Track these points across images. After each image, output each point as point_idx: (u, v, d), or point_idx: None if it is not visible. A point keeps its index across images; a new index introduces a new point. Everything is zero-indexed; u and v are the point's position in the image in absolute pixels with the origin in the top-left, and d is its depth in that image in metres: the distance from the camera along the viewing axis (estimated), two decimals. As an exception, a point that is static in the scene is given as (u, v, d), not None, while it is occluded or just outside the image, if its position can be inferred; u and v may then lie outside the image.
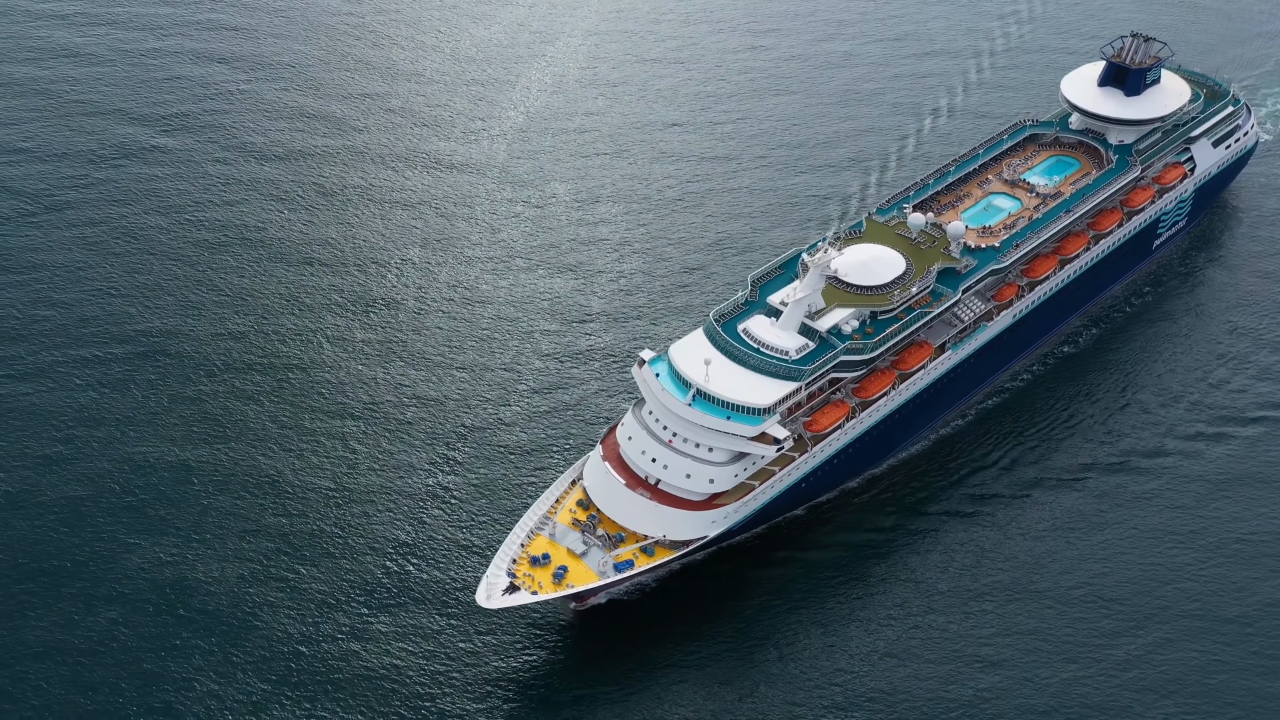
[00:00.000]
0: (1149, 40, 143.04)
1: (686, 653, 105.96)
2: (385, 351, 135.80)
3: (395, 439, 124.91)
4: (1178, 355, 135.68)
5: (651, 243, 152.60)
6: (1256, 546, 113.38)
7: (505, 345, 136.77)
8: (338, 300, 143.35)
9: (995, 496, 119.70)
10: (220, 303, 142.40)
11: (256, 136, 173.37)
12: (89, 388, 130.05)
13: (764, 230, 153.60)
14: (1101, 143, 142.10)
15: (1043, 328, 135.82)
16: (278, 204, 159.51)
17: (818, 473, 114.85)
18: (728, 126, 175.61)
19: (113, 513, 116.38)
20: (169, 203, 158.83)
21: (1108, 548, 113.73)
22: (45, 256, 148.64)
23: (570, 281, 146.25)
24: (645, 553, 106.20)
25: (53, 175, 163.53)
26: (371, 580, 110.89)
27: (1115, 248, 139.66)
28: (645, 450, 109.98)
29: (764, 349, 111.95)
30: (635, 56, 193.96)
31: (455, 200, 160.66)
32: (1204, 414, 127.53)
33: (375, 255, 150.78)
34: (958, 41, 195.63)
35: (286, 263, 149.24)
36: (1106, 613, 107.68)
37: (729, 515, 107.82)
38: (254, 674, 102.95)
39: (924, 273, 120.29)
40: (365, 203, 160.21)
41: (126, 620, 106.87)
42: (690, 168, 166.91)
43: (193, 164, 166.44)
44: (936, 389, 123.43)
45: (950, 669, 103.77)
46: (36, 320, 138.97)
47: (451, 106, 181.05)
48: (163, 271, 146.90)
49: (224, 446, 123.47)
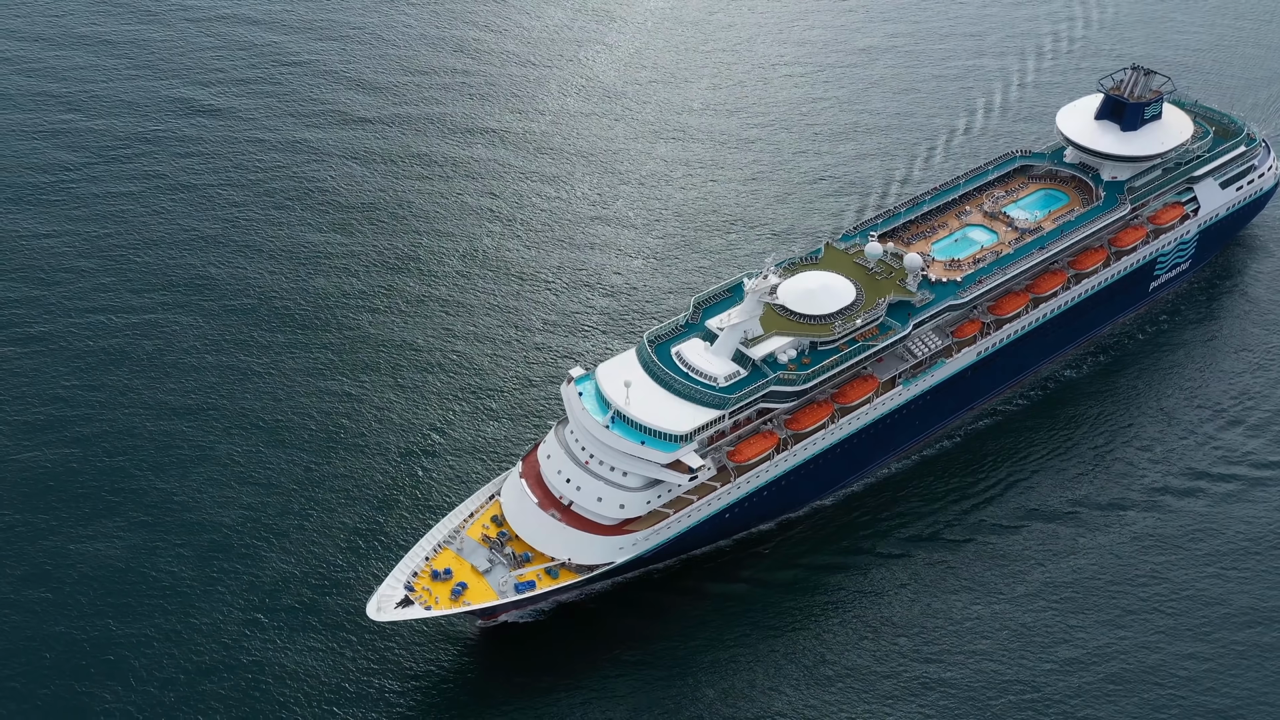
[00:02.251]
0: (1150, 74, 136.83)
1: (592, 678, 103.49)
2: (381, 342, 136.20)
3: (382, 425, 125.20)
4: (1178, 396, 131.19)
5: (669, 244, 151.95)
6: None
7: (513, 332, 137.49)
8: (360, 266, 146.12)
9: (934, 538, 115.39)
10: (228, 281, 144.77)
11: (307, 104, 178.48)
12: (93, 353, 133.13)
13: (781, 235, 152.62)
14: (1094, 178, 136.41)
15: (1015, 367, 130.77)
16: (318, 169, 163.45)
17: (744, 505, 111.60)
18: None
19: (94, 476, 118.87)
20: (217, 163, 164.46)
21: (1045, 632, 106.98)
22: (99, 207, 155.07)
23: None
24: (550, 575, 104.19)
25: (114, 129, 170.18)
26: (306, 572, 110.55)
27: (1101, 288, 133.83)
28: (561, 470, 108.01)
29: (692, 374, 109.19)
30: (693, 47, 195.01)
31: (488, 176, 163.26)
32: (1189, 465, 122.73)
33: (386, 251, 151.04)
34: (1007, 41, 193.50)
35: (318, 228, 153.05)
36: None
37: (637, 543, 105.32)
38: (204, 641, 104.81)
39: (873, 304, 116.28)
40: (402, 175, 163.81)
41: (96, 576, 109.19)
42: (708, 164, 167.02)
43: (229, 145, 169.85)
44: (886, 425, 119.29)
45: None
46: (77, 268, 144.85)
47: (501, 84, 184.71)
48: (179, 246, 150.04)
49: (208, 421, 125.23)
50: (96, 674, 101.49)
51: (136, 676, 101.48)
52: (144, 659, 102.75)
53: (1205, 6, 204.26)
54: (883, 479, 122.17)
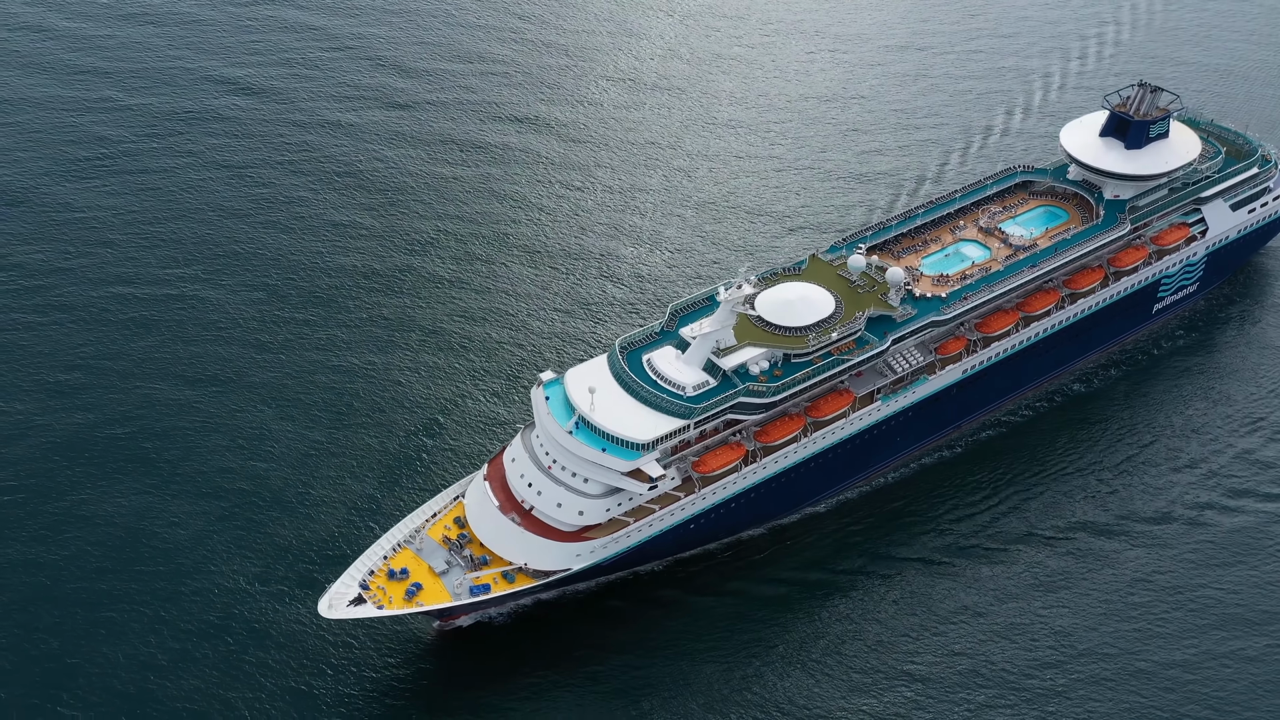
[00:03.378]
0: (1157, 91, 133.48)
1: (547, 687, 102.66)
2: (399, 323, 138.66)
3: (393, 404, 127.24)
4: (1187, 415, 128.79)
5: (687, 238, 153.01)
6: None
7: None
8: (364, 273, 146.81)
9: (909, 556, 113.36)
10: (255, 257, 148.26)
11: (346, 87, 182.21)
12: (118, 323, 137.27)
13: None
14: (1096, 197, 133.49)
15: (1007, 386, 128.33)
16: (328, 174, 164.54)
17: (710, 516, 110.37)
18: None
19: (108, 441, 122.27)
20: (232, 160, 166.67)
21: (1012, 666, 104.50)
22: (134, 182, 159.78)
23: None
24: (506, 579, 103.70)
25: (135, 124, 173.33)
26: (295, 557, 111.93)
27: (1098, 309, 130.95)
28: (524, 474, 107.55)
29: (661, 382, 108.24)
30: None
31: (507, 180, 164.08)
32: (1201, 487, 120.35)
33: (411, 234, 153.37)
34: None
35: (317, 233, 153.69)
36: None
37: (595, 550, 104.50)
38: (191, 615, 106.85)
39: (851, 318, 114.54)
40: (433, 160, 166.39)
41: (102, 537, 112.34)
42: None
43: (266, 125, 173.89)
44: (864, 441, 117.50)
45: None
46: (108, 240, 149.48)
47: (538, 74, 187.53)
48: (210, 223, 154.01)
49: (223, 393, 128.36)
50: (94, 631, 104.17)
51: (132, 635, 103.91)
52: (140, 619, 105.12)
53: (1248, 25, 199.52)
54: (875, 489, 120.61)
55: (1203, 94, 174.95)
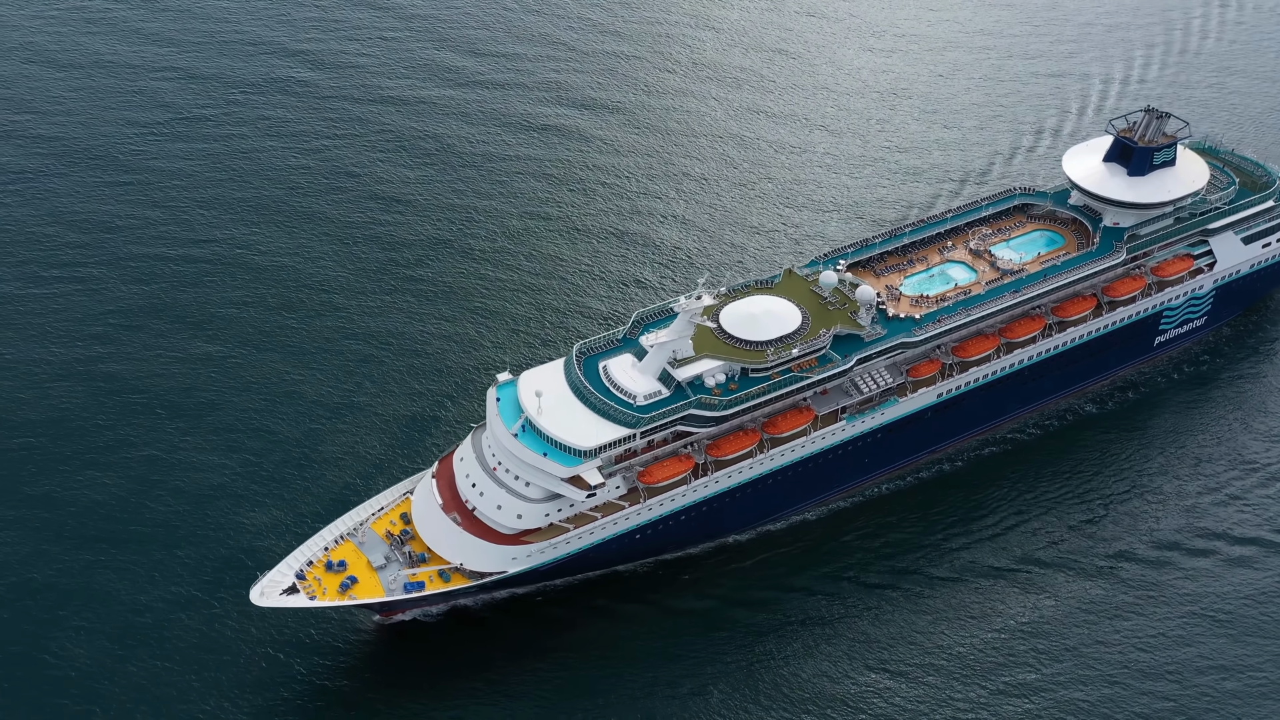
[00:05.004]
0: (1164, 117, 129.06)
1: (482, 688, 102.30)
2: (431, 294, 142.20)
3: (413, 375, 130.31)
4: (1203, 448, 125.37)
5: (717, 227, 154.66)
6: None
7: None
8: (407, 248, 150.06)
9: (885, 587, 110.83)
10: (302, 227, 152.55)
11: (388, 82, 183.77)
12: (166, 279, 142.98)
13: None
14: (1094, 223, 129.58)
15: (988, 413, 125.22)
16: (384, 148, 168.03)
17: (657, 528, 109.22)
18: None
19: (134, 394, 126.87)
20: (291, 130, 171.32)
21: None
22: (167, 163, 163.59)
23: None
24: (442, 577, 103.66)
25: (198, 93, 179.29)
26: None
27: (1091, 338, 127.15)
28: (470, 474, 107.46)
29: (614, 390, 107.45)
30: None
31: (552, 165, 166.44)
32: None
33: (456, 211, 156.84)
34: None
35: (377, 200, 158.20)
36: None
37: (532, 555, 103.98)
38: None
39: (815, 335, 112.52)
40: (487, 139, 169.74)
41: (98, 502, 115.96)
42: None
43: (325, 99, 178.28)
44: (827, 460, 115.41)
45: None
46: (139, 218, 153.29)
47: (601, 60, 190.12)
48: (261, 191, 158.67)
49: (250, 354, 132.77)
50: (80, 594, 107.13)
51: (117, 600, 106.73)
52: (127, 584, 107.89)
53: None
54: (855, 504, 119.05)
55: (1247, 124, 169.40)
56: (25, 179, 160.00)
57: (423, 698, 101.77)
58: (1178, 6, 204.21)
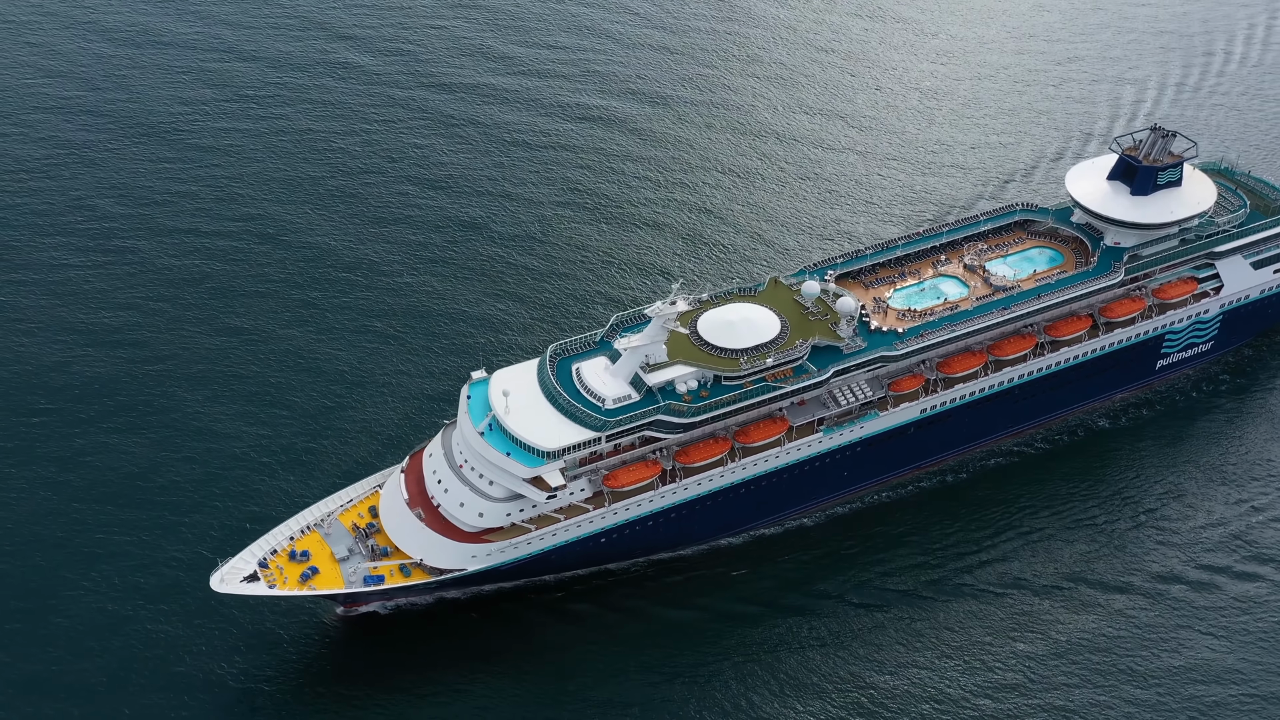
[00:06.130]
0: (1171, 136, 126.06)
1: (437, 684, 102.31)
2: (461, 272, 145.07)
3: (435, 355, 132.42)
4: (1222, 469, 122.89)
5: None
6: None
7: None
8: (441, 225, 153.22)
9: (847, 603, 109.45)
10: (339, 206, 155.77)
11: (433, 69, 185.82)
12: (198, 255, 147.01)
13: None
14: (1095, 242, 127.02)
15: (975, 431, 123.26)
16: (425, 133, 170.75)
17: (623, 532, 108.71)
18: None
19: (159, 363, 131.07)
20: (343, 112, 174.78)
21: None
22: (212, 140, 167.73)
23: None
24: (402, 572, 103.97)
25: (247, 73, 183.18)
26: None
27: (1085, 359, 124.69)
28: (436, 471, 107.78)
29: (583, 392, 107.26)
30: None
31: (594, 152, 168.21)
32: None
33: (494, 190, 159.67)
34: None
35: (414, 182, 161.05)
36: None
37: (492, 554, 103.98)
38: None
39: (792, 345, 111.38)
40: (502, 150, 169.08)
41: (112, 467, 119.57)
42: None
43: (378, 83, 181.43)
44: (802, 472, 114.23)
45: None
46: (185, 192, 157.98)
47: (635, 65, 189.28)
48: (301, 170, 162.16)
49: (259, 344, 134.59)
50: (88, 552, 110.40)
51: (125, 561, 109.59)
52: (139, 547, 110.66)
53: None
54: (854, 511, 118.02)
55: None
56: (81, 151, 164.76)
57: (379, 692, 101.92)
58: (1243, 18, 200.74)
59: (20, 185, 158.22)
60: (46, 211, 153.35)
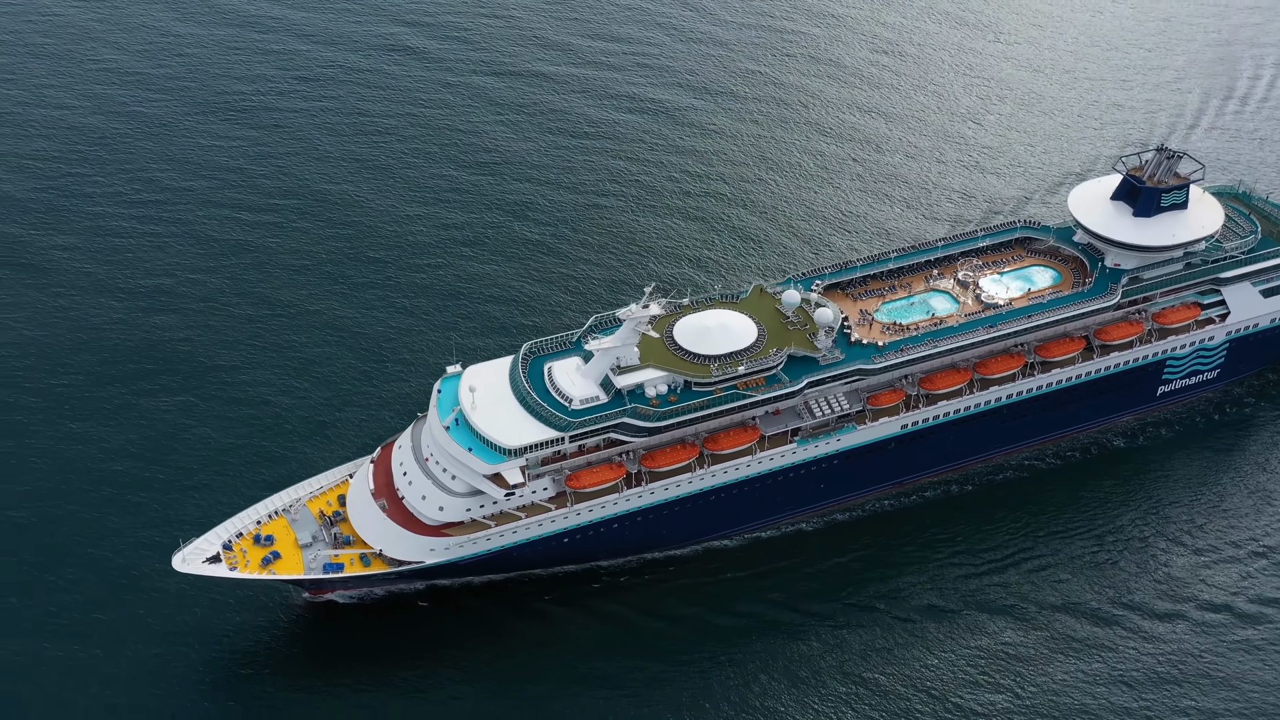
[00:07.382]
0: (1177, 156, 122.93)
1: (395, 677, 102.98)
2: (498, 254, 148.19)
3: (453, 340, 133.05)
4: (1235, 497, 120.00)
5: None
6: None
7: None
8: (480, 210, 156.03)
9: (820, 615, 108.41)
10: (385, 185, 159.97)
11: (492, 55, 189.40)
12: (245, 228, 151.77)
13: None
14: (1095, 262, 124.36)
15: (960, 448, 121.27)
16: (479, 117, 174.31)
17: (586, 533, 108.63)
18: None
19: (182, 343, 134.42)
20: (397, 95, 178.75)
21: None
22: (274, 117, 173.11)
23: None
24: (362, 561, 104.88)
25: (312, 54, 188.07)
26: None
27: (1078, 382, 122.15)
28: (403, 463, 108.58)
29: (552, 392, 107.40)
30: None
31: (631, 141, 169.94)
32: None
33: (539, 177, 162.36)
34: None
35: (460, 165, 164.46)
36: None
37: (450, 548, 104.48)
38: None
39: (767, 354, 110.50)
40: (553, 136, 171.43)
41: (141, 423, 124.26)
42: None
43: (435, 68, 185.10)
44: (775, 482, 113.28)
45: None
46: (238, 168, 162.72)
47: (686, 59, 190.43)
48: (352, 148, 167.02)
49: (287, 322, 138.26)
50: (111, 504, 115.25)
51: (147, 515, 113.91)
52: (161, 503, 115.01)
53: None
54: (829, 524, 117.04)
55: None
56: (141, 124, 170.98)
57: (339, 677, 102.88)
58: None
59: (80, 154, 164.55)
60: (101, 180, 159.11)
